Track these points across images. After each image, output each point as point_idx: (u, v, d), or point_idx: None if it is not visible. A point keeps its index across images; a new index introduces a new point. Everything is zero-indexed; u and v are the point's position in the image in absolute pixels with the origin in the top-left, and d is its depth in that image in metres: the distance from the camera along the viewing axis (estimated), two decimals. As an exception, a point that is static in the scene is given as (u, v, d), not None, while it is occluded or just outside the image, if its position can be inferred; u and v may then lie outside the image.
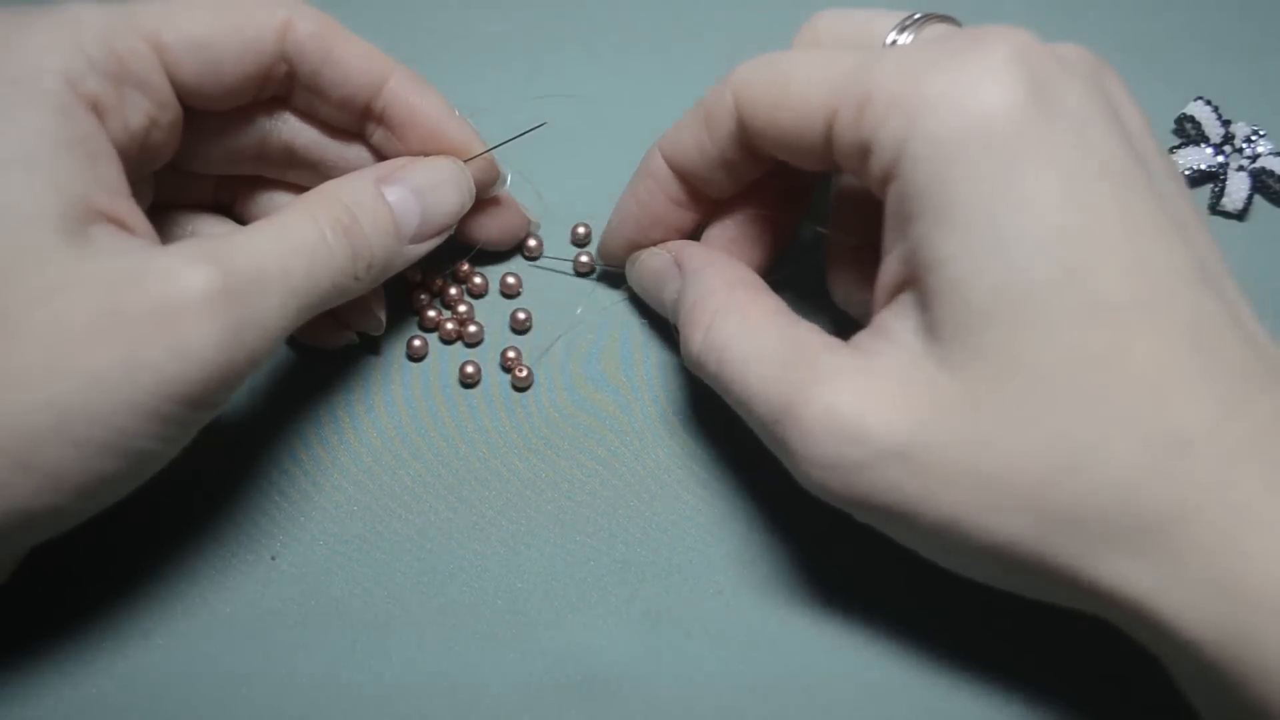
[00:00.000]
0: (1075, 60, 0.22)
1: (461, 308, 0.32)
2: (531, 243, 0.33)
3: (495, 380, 0.31)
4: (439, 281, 0.32)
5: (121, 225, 0.22)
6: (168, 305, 0.21)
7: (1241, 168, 0.34)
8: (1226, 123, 0.35)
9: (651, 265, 0.29)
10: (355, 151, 0.29)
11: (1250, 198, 0.34)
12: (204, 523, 0.29)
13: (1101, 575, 0.20)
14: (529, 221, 0.32)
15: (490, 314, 0.32)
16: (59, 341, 0.20)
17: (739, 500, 0.29)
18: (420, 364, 0.31)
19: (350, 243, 0.25)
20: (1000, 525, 0.20)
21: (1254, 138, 0.35)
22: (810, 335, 0.24)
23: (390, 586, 0.28)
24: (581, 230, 0.33)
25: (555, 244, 0.33)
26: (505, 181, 0.31)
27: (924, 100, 0.21)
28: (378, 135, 0.28)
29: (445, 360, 0.31)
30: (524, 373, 0.31)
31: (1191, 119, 0.35)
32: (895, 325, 0.22)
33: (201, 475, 0.29)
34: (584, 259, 0.32)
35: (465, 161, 0.28)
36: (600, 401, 0.31)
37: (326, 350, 0.31)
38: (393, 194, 0.27)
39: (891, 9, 0.25)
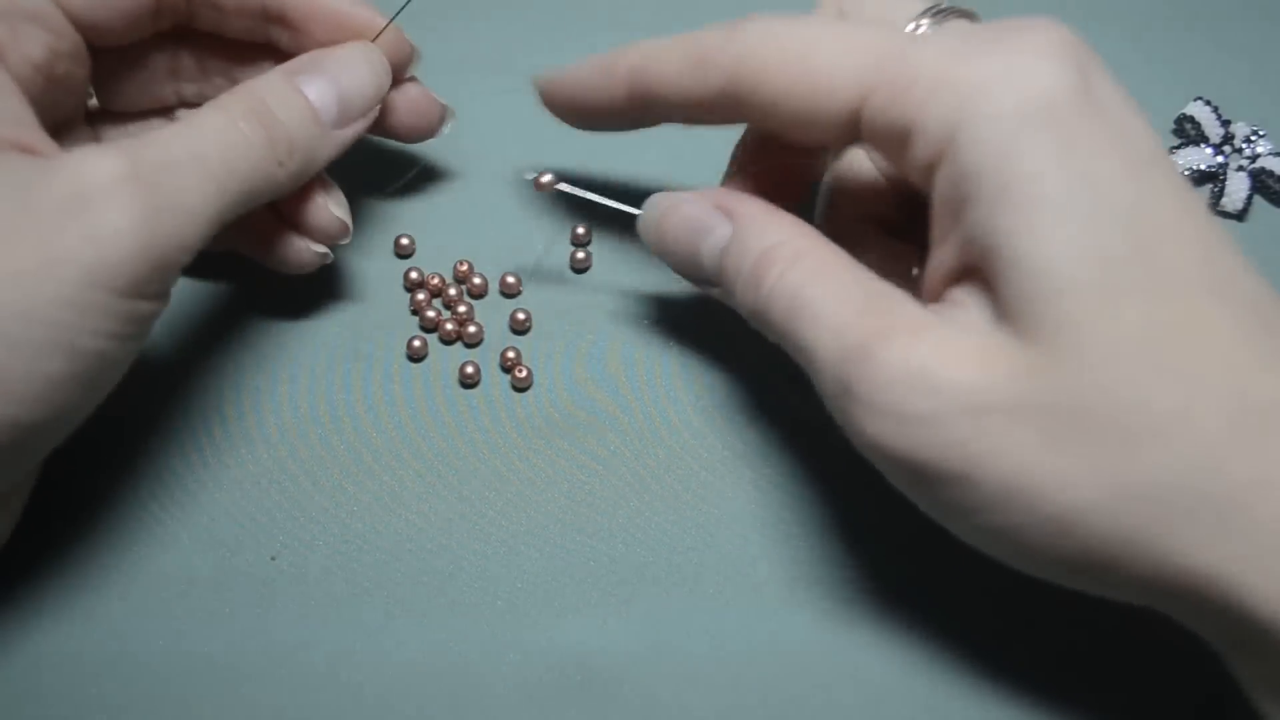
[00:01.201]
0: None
1: (461, 308, 0.32)
2: (580, 255, 0.32)
3: (495, 380, 0.31)
4: (439, 281, 0.32)
5: (32, 152, 0.23)
6: (76, 193, 0.21)
7: (1241, 168, 0.34)
8: (1226, 123, 0.35)
9: (687, 211, 0.27)
10: (270, 69, 0.29)
11: (1250, 198, 0.34)
12: (204, 523, 0.29)
13: (1174, 549, 0.19)
14: (444, 107, 0.32)
15: (490, 314, 0.32)
16: None
17: (740, 500, 0.29)
18: (420, 364, 0.31)
19: (265, 127, 0.25)
20: (1070, 493, 0.20)
21: (1254, 138, 0.35)
22: (890, 287, 0.23)
23: (390, 587, 0.28)
24: (581, 230, 0.33)
25: (556, 242, 0.33)
26: (419, 58, 0.31)
27: (980, 81, 0.21)
28: (285, 38, 0.28)
29: (445, 360, 0.31)
30: (524, 373, 0.31)
31: (1191, 119, 0.35)
32: (966, 302, 0.22)
33: (201, 475, 0.29)
34: (580, 255, 0.32)
35: (374, 41, 0.28)
36: (600, 401, 0.31)
37: (325, 338, 0.31)
38: (304, 81, 0.27)
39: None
